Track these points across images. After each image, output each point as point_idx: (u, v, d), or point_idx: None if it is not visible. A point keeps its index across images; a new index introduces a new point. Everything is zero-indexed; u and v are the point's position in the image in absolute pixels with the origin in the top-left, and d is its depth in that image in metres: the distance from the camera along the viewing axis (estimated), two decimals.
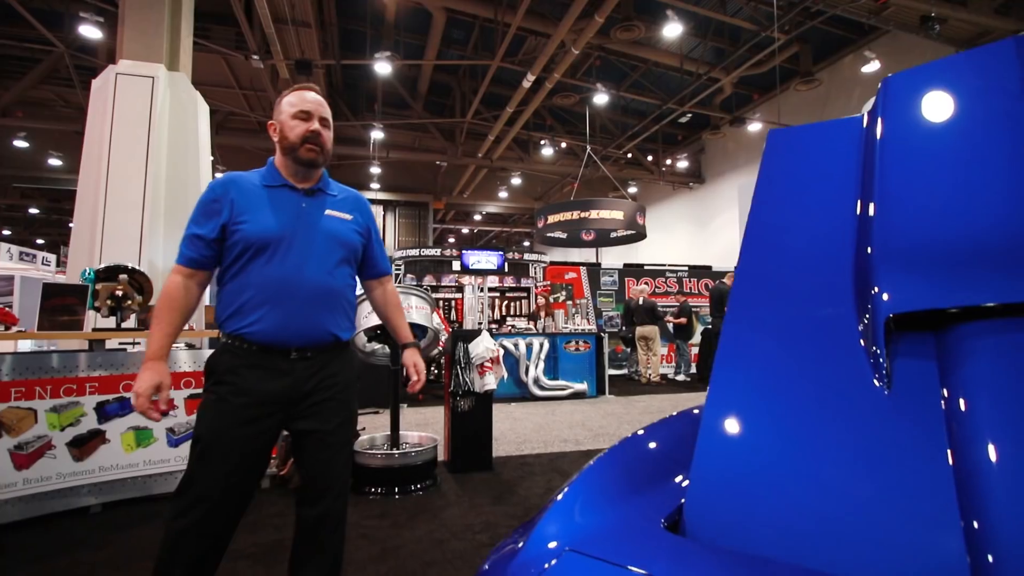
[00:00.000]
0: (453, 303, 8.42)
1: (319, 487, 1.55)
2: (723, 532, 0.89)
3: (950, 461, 0.77)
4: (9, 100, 11.78)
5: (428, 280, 10.00)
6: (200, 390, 2.93)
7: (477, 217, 22.84)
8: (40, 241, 22.20)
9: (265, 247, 1.48)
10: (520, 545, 0.92)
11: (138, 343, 3.59)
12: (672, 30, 9.59)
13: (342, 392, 1.59)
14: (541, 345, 6.67)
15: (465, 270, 8.58)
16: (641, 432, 1.29)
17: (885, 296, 0.93)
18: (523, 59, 10.89)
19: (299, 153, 1.51)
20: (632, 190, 18.36)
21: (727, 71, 11.73)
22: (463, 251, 8.90)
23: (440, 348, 3.71)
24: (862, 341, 0.95)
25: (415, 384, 1.72)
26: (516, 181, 17.95)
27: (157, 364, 1.42)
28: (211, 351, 1.61)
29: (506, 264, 9.67)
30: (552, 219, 11.41)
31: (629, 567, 0.81)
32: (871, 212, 1.07)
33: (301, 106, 1.52)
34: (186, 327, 3.42)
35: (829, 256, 1.09)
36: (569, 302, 7.50)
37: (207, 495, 1.39)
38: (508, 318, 7.90)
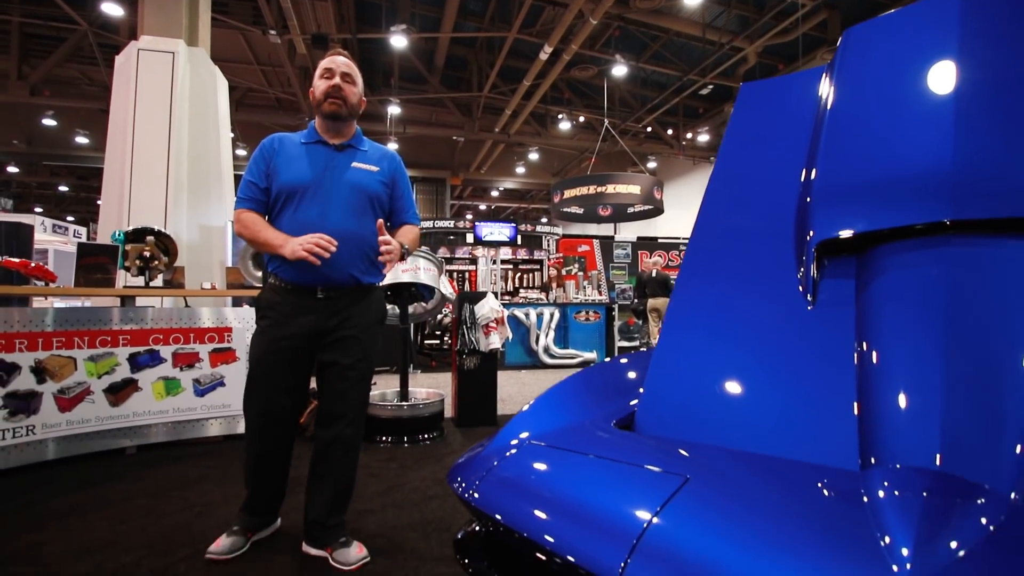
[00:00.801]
0: (467, 275, 8.56)
1: (333, 413, 1.76)
2: (668, 429, 1.01)
3: (854, 361, 0.87)
4: (37, 79, 12.13)
5: (442, 252, 10.14)
6: (222, 345, 3.14)
7: (494, 193, 22.81)
8: (70, 219, 23.01)
9: (293, 195, 1.68)
10: (488, 441, 1.06)
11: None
12: None
13: (362, 332, 1.77)
14: (552, 315, 6.78)
15: (478, 242, 8.69)
16: (606, 360, 1.41)
17: (816, 227, 1.02)
18: (540, 30, 10.73)
19: (323, 107, 1.71)
20: (651, 165, 18.09)
21: (751, 40, 11.35)
22: (476, 223, 9.00)
23: (448, 310, 3.86)
24: (800, 268, 1.04)
25: (385, 253, 1.69)
26: (533, 156, 17.84)
27: (292, 237, 1.62)
28: (232, 308, 1.83)
29: (519, 236, 9.74)
30: (568, 194, 11.38)
31: (579, 452, 0.93)
32: (816, 158, 1.14)
33: (326, 66, 1.74)
34: (208, 286, 3.61)
35: (780, 197, 1.18)
36: (581, 274, 7.56)
37: (257, 407, 1.73)
38: (521, 289, 8.01)
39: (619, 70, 12.03)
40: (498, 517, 0.85)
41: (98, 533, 1.94)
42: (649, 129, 16.28)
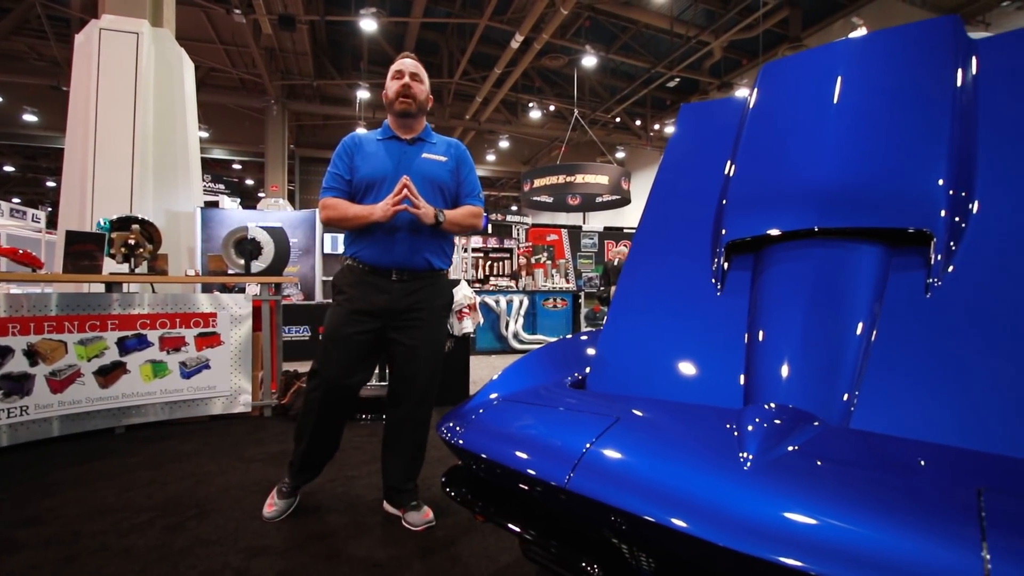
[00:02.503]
0: None
1: (402, 393, 1.94)
2: (611, 387, 1.29)
3: (745, 335, 1.16)
4: None
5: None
6: (207, 330, 3.28)
7: None
8: (16, 200, 21.81)
9: (372, 186, 1.85)
10: (467, 401, 1.32)
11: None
12: None
13: (431, 314, 1.93)
14: (521, 302, 7.07)
15: None
16: (567, 337, 1.69)
17: (725, 230, 1.31)
18: (511, 18, 10.84)
19: (395, 106, 1.88)
20: (620, 155, 18.47)
21: (717, 34, 11.73)
22: None
23: None
24: (714, 262, 1.33)
25: (404, 193, 1.78)
26: (504, 144, 17.97)
27: (377, 205, 1.79)
28: (217, 294, 1.89)
29: (490, 225, 9.97)
30: (538, 183, 11.62)
31: (538, 404, 1.20)
32: (731, 172, 1.43)
33: (396, 68, 1.91)
34: (191, 273, 3.70)
35: (705, 203, 1.46)
36: (549, 262, 7.86)
37: (327, 376, 1.86)
38: (492, 277, 8.25)
39: (589, 60, 12.26)
40: (478, 453, 1.10)
41: (107, 499, 2.12)
42: (618, 120, 16.64)
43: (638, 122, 17.25)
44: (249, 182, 20.01)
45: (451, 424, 1.24)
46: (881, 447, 0.89)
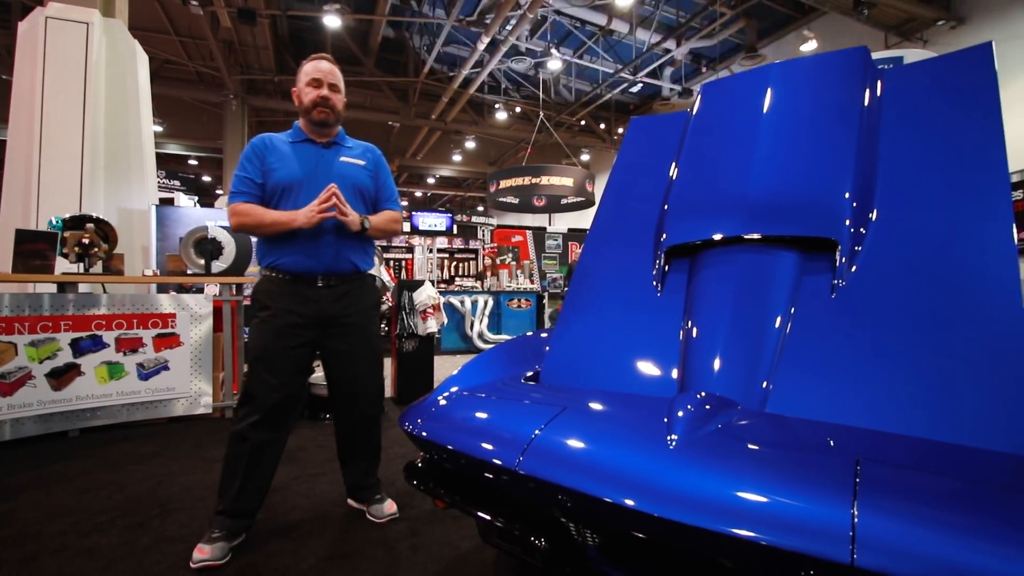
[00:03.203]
0: (403, 263, 8.74)
1: (351, 396, 1.93)
2: (561, 380, 1.40)
3: (680, 333, 1.29)
4: None
5: (379, 240, 10.18)
6: (166, 331, 3.23)
7: (431, 180, 22.72)
8: None
9: (290, 189, 1.79)
10: (428, 395, 1.40)
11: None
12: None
13: (363, 316, 1.91)
14: (486, 302, 7.15)
15: (415, 231, 8.90)
16: (525, 335, 1.80)
17: (665, 236, 1.44)
18: (478, 19, 10.90)
19: (312, 115, 1.83)
20: (585, 157, 18.78)
21: (678, 42, 12.11)
22: (413, 212, 9.19)
23: (387, 300, 4.11)
24: (656, 264, 1.46)
25: (327, 200, 1.75)
26: (470, 145, 17.99)
27: (299, 211, 1.73)
28: (176, 295, 1.85)
29: (455, 226, 10.03)
30: (504, 184, 11.73)
31: (493, 396, 1.30)
32: (672, 183, 1.57)
33: (313, 74, 1.82)
34: (149, 272, 3.64)
35: (649, 210, 1.60)
36: (514, 263, 7.98)
37: (264, 402, 1.73)
38: (457, 277, 8.31)
39: (554, 63, 12.45)
40: (437, 442, 1.19)
41: (65, 501, 2.09)
42: (583, 123, 16.94)
43: (602, 125, 17.60)
44: (206, 179, 19.32)
45: (412, 417, 1.33)
46: (786, 427, 1.02)
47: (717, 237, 1.36)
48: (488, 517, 1.19)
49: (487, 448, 1.11)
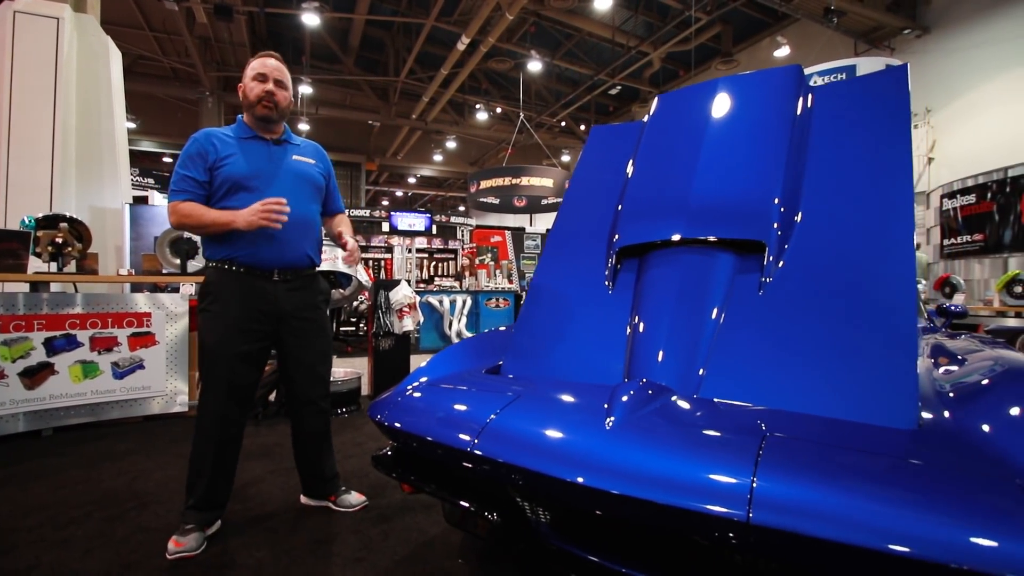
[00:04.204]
0: (383, 263, 8.77)
1: (310, 390, 1.96)
2: (521, 371, 1.50)
3: (628, 327, 1.41)
4: None
5: (358, 240, 10.23)
6: (141, 330, 3.25)
7: (411, 180, 22.68)
8: None
9: (245, 183, 1.78)
10: (395, 387, 1.50)
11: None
12: (604, 1, 10.04)
13: (317, 311, 1.96)
14: (464, 302, 7.24)
15: (394, 231, 8.94)
16: (491, 331, 1.90)
17: (617, 237, 1.56)
18: (458, 20, 10.96)
19: (256, 110, 1.84)
20: (565, 158, 18.97)
21: (655, 46, 12.33)
22: (392, 213, 9.23)
23: (364, 298, 4.17)
24: (608, 264, 1.58)
25: (351, 255, 1.91)
26: (451, 145, 18.03)
27: (239, 211, 1.71)
28: (151, 294, 1.83)
29: (434, 226, 10.11)
30: (484, 184, 11.83)
31: (456, 387, 1.40)
32: (625, 188, 1.69)
33: (260, 70, 1.84)
34: (124, 271, 3.64)
35: (605, 213, 1.71)
36: (493, 263, 8.08)
37: (223, 400, 1.77)
38: (436, 277, 8.37)
39: (534, 65, 12.58)
40: (401, 429, 1.29)
41: (41, 497, 2.13)
42: (563, 124, 17.11)
43: (582, 127, 17.79)
44: None
45: (379, 408, 1.42)
46: (711, 410, 1.15)
47: (661, 239, 1.49)
48: (449, 497, 1.29)
49: (446, 433, 1.21)
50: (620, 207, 1.67)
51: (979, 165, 7.28)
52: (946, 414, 1.05)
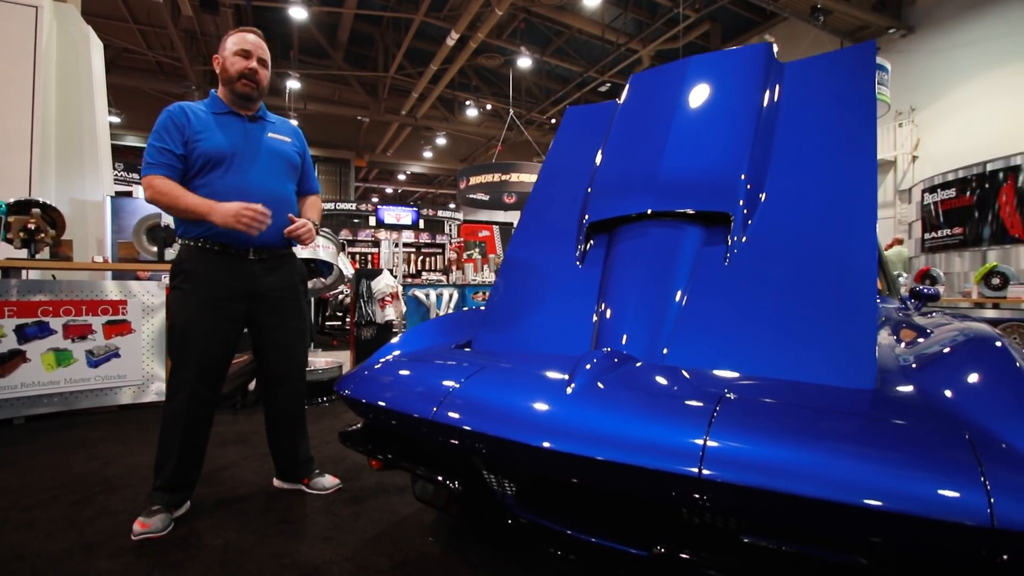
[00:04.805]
0: (370, 257, 8.72)
1: (285, 371, 1.93)
2: (492, 346, 1.50)
3: (596, 300, 1.41)
4: None
5: (344, 234, 10.25)
6: (117, 317, 3.20)
7: (401, 177, 22.60)
8: None
9: (221, 160, 1.74)
10: (365, 361, 1.48)
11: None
12: None
13: (294, 291, 1.93)
14: (451, 295, 7.21)
15: (381, 225, 8.89)
16: (466, 310, 1.90)
17: (587, 213, 1.56)
18: (447, 15, 10.93)
19: (236, 86, 1.79)
20: None
21: (644, 43, 12.35)
22: (379, 206, 9.18)
23: (348, 290, 4.14)
24: (579, 240, 1.58)
25: (299, 228, 1.82)
26: (441, 141, 17.99)
27: (218, 204, 1.65)
28: (127, 281, 1.76)
29: (421, 220, 10.07)
30: (474, 180, 11.78)
31: (424, 360, 1.39)
32: (596, 166, 1.69)
33: (242, 45, 1.79)
34: (99, 259, 3.58)
35: (578, 191, 1.71)
36: (480, 258, 8.07)
37: (193, 372, 1.73)
38: (424, 272, 8.34)
39: (524, 61, 12.57)
40: (365, 400, 1.28)
41: (7, 482, 2.09)
42: (553, 120, 17.13)
43: None
44: None
45: (346, 381, 1.41)
46: (673, 375, 1.15)
47: (627, 215, 1.49)
48: (413, 468, 1.28)
49: (409, 403, 1.20)
50: (591, 185, 1.66)
51: (962, 163, 7.38)
52: (905, 377, 1.05)
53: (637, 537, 1.05)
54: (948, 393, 0.93)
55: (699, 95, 1.64)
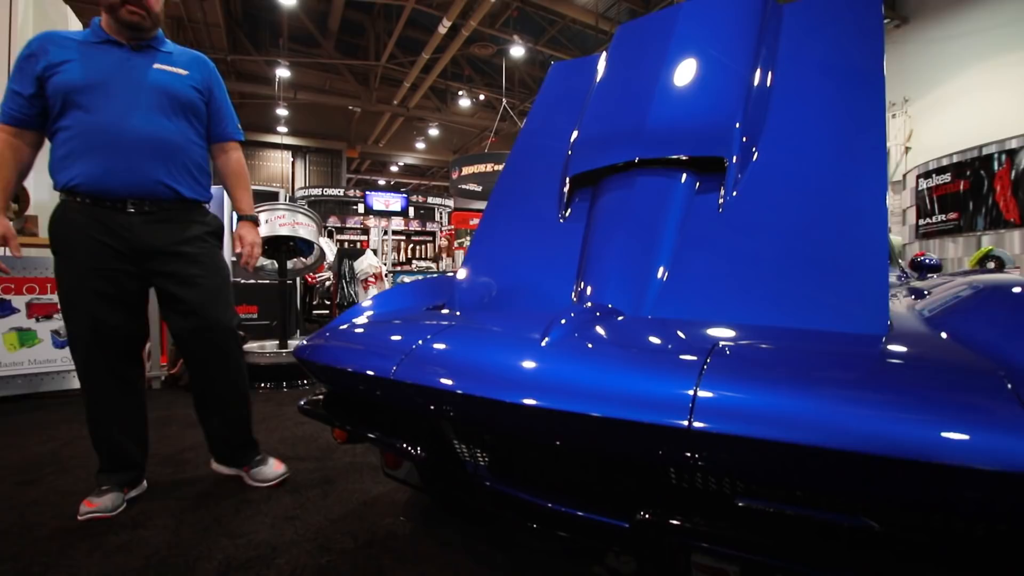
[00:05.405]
0: (359, 244, 8.57)
1: (196, 332, 1.59)
2: (466, 308, 1.38)
3: (578, 254, 1.30)
4: None
5: (332, 222, 10.08)
6: (44, 296, 3.04)
7: (394, 168, 22.38)
8: None
9: (82, 95, 1.45)
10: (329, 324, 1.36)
11: None
12: None
13: (200, 244, 1.60)
14: None
15: (369, 211, 8.73)
16: (444, 274, 1.78)
17: (571, 166, 1.44)
18: (439, 3, 10.75)
19: (120, 13, 1.48)
20: None
21: None
22: (367, 192, 9.01)
23: (329, 275, 4.01)
24: (562, 194, 1.46)
25: (245, 259, 1.68)
26: (434, 132, 17.79)
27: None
28: None
29: (411, 207, 9.91)
30: (466, 171, 11.63)
31: (389, 322, 1.27)
32: (581, 118, 1.57)
33: None
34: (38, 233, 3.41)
35: (562, 145, 1.59)
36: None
37: (81, 340, 1.53)
38: (415, 260, 8.21)
39: (517, 51, 12.40)
40: (321, 363, 1.16)
41: None
42: None
43: None
44: None
45: (305, 345, 1.28)
46: (660, 326, 1.03)
47: (613, 164, 1.37)
48: (374, 436, 1.16)
49: (367, 362, 1.08)
50: (575, 137, 1.55)
51: (956, 146, 7.32)
52: (921, 322, 0.95)
53: (618, 508, 0.94)
54: (973, 333, 0.82)
55: (690, 41, 1.52)
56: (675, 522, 0.82)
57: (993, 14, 8.51)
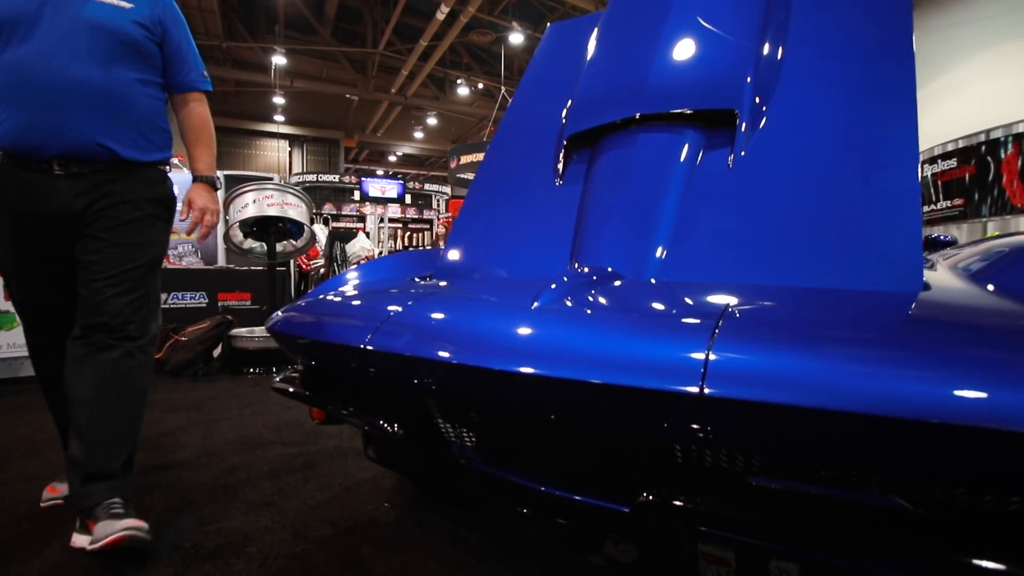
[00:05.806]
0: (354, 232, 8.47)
1: (89, 324, 1.25)
2: (455, 277, 1.28)
3: (575, 218, 1.20)
4: None
5: (328, 208, 9.93)
6: None
7: (392, 158, 22.19)
8: None
9: None
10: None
11: None
12: None
13: (131, 209, 1.30)
14: None
15: (365, 198, 8.59)
16: (423, 249, 1.68)
17: (567, 127, 1.34)
18: None
19: None
20: None
21: None
22: (363, 179, 8.87)
23: (319, 261, 3.90)
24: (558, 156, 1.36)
25: (192, 226, 1.42)
26: (432, 121, 17.58)
27: None
28: None
29: (407, 194, 9.77)
30: (465, 160, 11.47)
31: (369, 291, 1.17)
32: (579, 78, 1.47)
33: None
34: None
35: (556, 111, 1.48)
36: None
37: (25, 322, 1.39)
38: (411, 248, 8.10)
39: (516, 38, 12.20)
40: (289, 332, 1.07)
41: None
42: None
43: None
44: None
45: (279, 316, 1.19)
46: (666, 289, 0.93)
47: (611, 122, 1.27)
48: (351, 415, 1.07)
49: (339, 332, 0.98)
50: (573, 97, 1.44)
51: (962, 131, 7.18)
52: (960, 278, 0.85)
53: (618, 491, 0.85)
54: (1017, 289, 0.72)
55: (696, 6, 1.41)
56: (680, 504, 0.72)
57: (997, 2, 8.34)
